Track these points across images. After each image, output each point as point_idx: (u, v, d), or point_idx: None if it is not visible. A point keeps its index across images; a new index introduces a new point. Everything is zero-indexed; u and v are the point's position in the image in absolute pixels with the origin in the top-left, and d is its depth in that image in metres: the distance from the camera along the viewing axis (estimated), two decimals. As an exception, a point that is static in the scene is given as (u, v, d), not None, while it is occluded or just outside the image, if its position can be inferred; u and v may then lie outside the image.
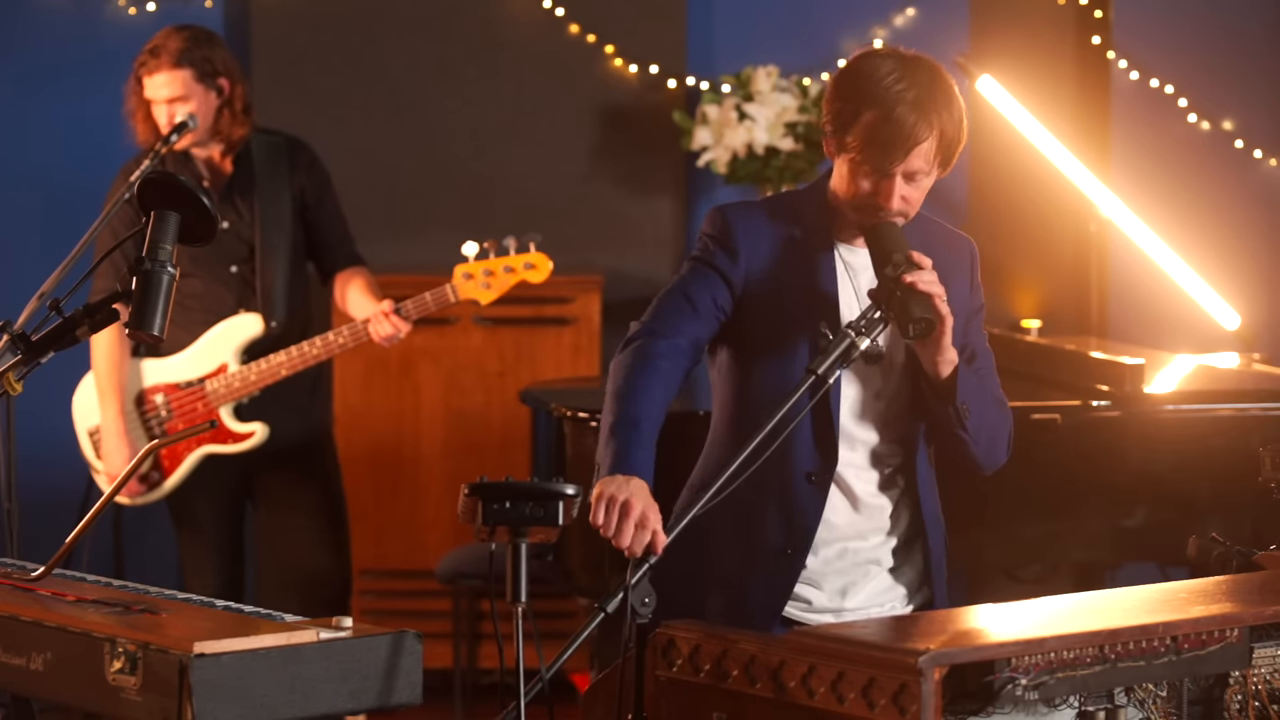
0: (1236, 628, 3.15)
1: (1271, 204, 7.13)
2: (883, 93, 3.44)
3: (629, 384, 3.42)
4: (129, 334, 3.20)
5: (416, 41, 6.89)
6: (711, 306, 3.53)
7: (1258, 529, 4.41)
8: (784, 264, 3.54)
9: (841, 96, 3.50)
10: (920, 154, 3.44)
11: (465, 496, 3.09)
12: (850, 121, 3.46)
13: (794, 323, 3.53)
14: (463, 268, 5.42)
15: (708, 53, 6.96)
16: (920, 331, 3.40)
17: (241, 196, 5.48)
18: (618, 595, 3.17)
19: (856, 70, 3.52)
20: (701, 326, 3.52)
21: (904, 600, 3.64)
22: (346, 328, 5.40)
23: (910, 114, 3.42)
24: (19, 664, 3.15)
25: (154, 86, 5.36)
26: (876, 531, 3.60)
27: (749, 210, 3.61)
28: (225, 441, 5.46)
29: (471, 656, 6.38)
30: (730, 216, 3.58)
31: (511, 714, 3.04)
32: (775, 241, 3.56)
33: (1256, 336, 6.93)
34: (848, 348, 3.37)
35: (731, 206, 3.62)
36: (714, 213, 3.60)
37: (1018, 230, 7.08)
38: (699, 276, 3.55)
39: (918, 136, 3.43)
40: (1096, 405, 5.15)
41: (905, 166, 3.44)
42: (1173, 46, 7.06)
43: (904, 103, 3.43)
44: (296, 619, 3.14)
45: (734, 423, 3.56)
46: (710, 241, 3.57)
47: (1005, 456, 3.68)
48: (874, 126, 3.43)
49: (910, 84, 3.45)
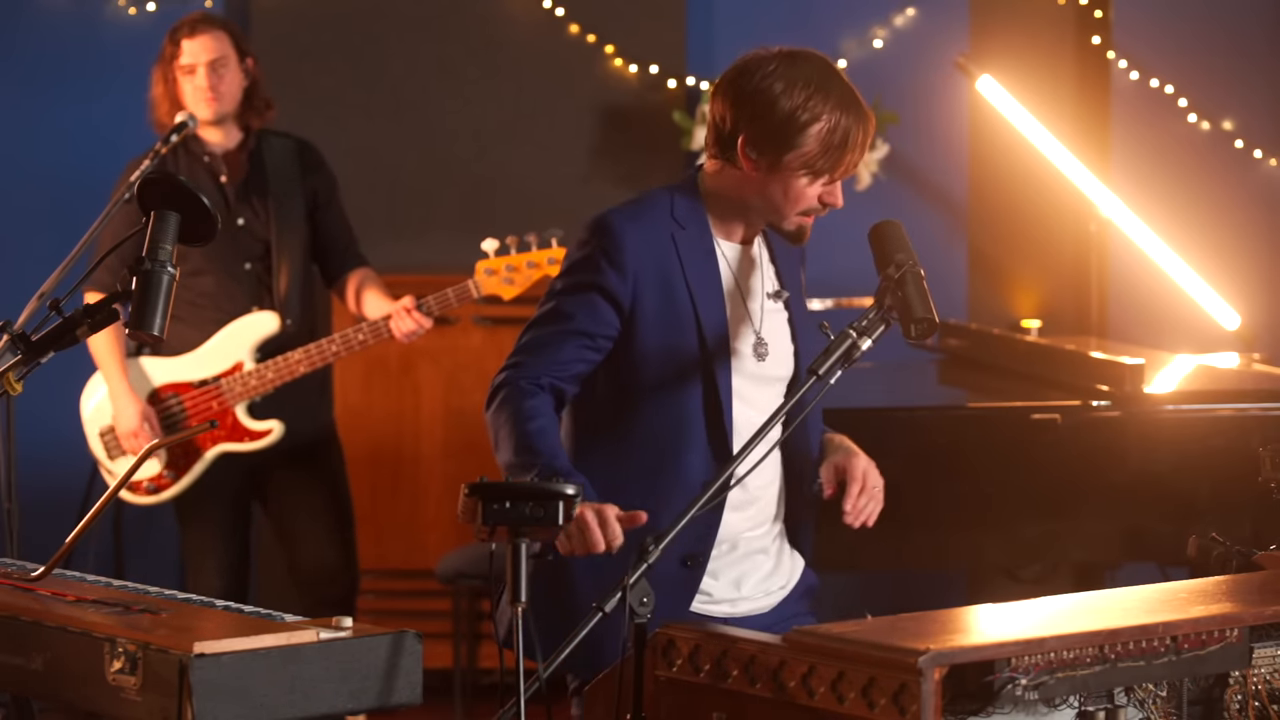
0: (1236, 628, 3.15)
1: (1271, 204, 7.13)
2: (833, 95, 3.44)
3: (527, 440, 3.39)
4: (129, 334, 3.20)
5: (416, 41, 6.89)
6: (600, 339, 3.50)
7: (1258, 529, 4.41)
8: (671, 266, 3.51)
9: (763, 105, 3.44)
10: (862, 159, 3.52)
11: (465, 496, 3.09)
12: (791, 132, 3.43)
13: (685, 324, 3.51)
14: (484, 264, 5.43)
15: (708, 53, 6.96)
16: (922, 331, 3.39)
17: (257, 194, 5.50)
18: (616, 595, 3.17)
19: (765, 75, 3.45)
20: (586, 363, 3.50)
21: (788, 584, 3.68)
22: (367, 325, 5.42)
23: (859, 116, 3.45)
24: (19, 664, 3.15)
25: (196, 49, 5.41)
26: (764, 521, 3.64)
27: (633, 215, 3.54)
28: (242, 439, 5.47)
29: (471, 656, 6.38)
30: (616, 226, 3.50)
31: (510, 713, 3.04)
32: (660, 244, 3.52)
33: (1256, 336, 6.93)
34: (849, 348, 3.36)
35: (614, 214, 3.54)
36: (596, 223, 3.52)
37: (1018, 230, 7.08)
38: (585, 305, 3.49)
39: (867, 140, 3.47)
40: (1096, 405, 5.14)
41: (847, 169, 3.49)
42: (1173, 46, 7.06)
43: (852, 107, 3.45)
44: (296, 619, 3.14)
45: (628, 437, 3.53)
46: (597, 256, 3.50)
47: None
48: (831, 132, 3.43)
49: (841, 83, 3.47)
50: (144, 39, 5.52)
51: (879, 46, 7.00)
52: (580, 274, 3.52)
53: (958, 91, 7.01)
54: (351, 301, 5.60)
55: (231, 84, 5.46)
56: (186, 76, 5.43)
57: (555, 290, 3.55)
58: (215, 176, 5.50)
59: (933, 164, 7.03)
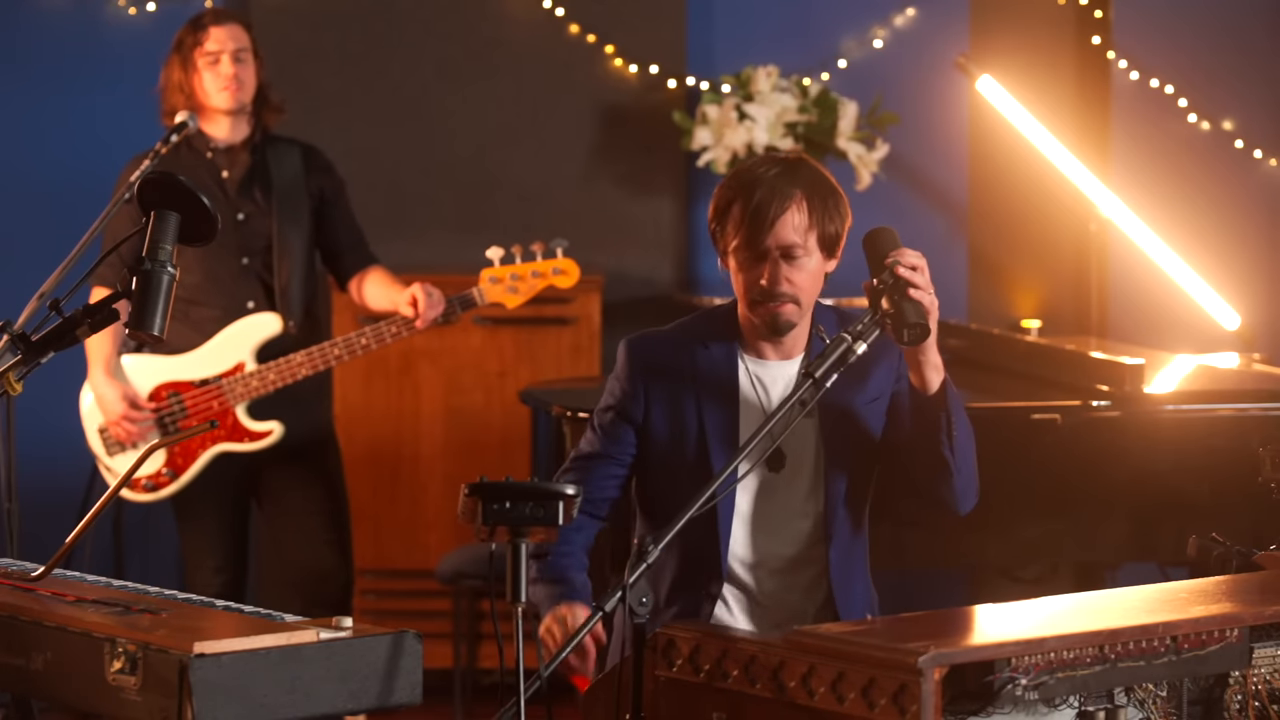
0: (1236, 628, 3.15)
1: (1271, 204, 7.13)
2: (746, 179, 3.56)
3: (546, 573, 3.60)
4: (129, 334, 3.20)
5: (416, 41, 6.89)
6: (624, 455, 3.67)
7: (1258, 529, 4.40)
8: (686, 385, 3.63)
9: (717, 206, 3.60)
10: (788, 225, 3.52)
11: (465, 496, 3.09)
12: (724, 219, 3.57)
13: (694, 441, 3.61)
14: (489, 272, 5.45)
15: (708, 53, 6.96)
16: (915, 337, 3.44)
17: (260, 189, 5.50)
18: (616, 595, 3.17)
19: (729, 177, 3.62)
20: (615, 480, 3.66)
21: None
22: (370, 329, 5.42)
23: (772, 186, 3.53)
24: (19, 664, 3.15)
25: (222, 37, 5.44)
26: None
27: (652, 340, 3.70)
28: (242, 439, 5.47)
29: (471, 656, 6.38)
30: (631, 351, 3.69)
31: (510, 712, 3.04)
32: (677, 365, 3.64)
33: (1256, 336, 6.93)
34: (844, 352, 3.38)
35: (635, 340, 3.72)
36: (620, 347, 3.71)
37: (1018, 230, 7.08)
38: (605, 428, 3.68)
39: (781, 206, 3.51)
40: (1096, 405, 5.14)
41: (776, 239, 3.52)
42: (1173, 46, 7.06)
43: (764, 180, 3.54)
44: (296, 619, 3.14)
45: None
46: (615, 381, 3.69)
47: (976, 498, 3.70)
48: (742, 210, 3.53)
49: (772, 165, 3.57)
50: (144, 39, 5.52)
51: (879, 46, 7.00)
52: (605, 398, 3.71)
53: (958, 91, 7.00)
54: (361, 295, 5.61)
55: (251, 76, 5.48)
56: (210, 65, 5.43)
57: (591, 418, 3.75)
58: (217, 171, 5.50)
59: (933, 164, 7.03)
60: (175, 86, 5.48)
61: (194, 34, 5.46)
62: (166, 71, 5.51)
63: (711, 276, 6.97)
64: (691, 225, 6.98)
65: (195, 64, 5.44)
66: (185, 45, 5.46)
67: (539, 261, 5.50)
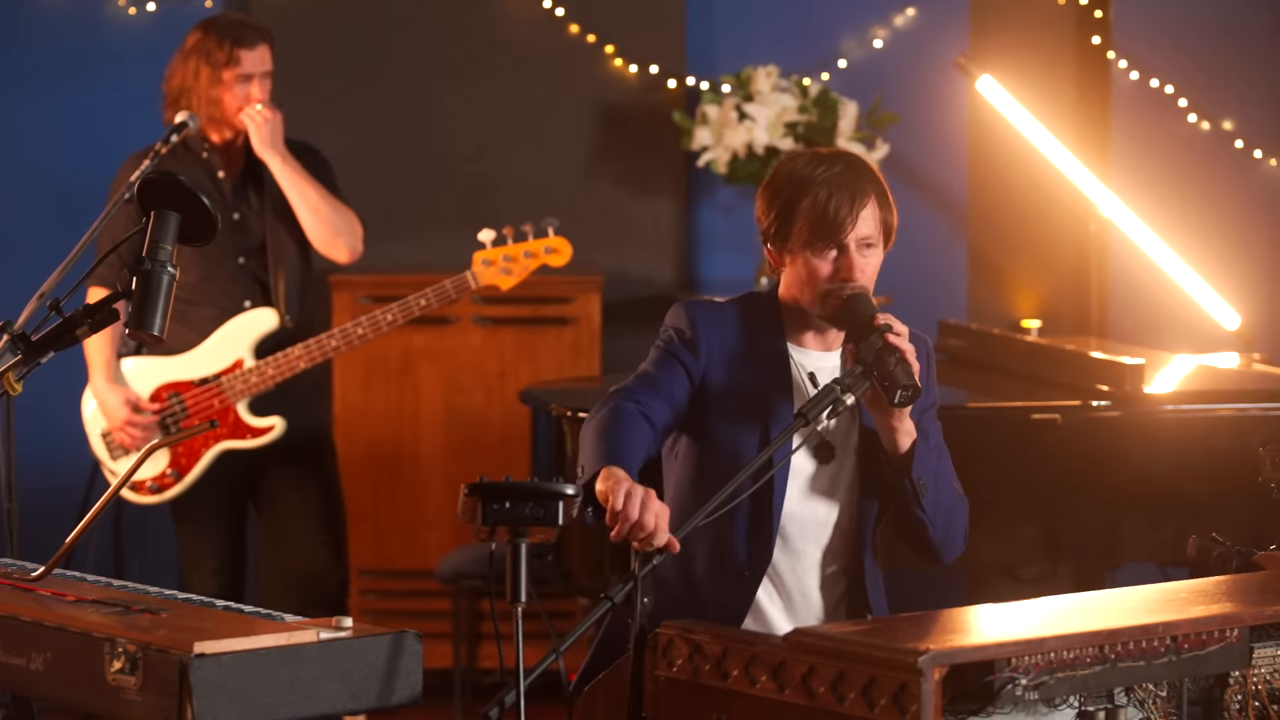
0: (1236, 628, 3.15)
1: (1271, 204, 7.13)
2: (811, 178, 3.62)
3: (607, 432, 3.48)
4: (129, 334, 3.20)
5: (416, 41, 6.89)
6: (677, 395, 3.62)
7: (1258, 529, 4.40)
8: (741, 362, 3.65)
9: (773, 202, 3.66)
10: (867, 217, 3.60)
11: (465, 496, 3.09)
12: (790, 217, 3.62)
13: (747, 418, 3.62)
14: (481, 254, 5.44)
15: (708, 53, 6.96)
16: (906, 399, 3.51)
17: (255, 189, 5.50)
18: (625, 586, 3.18)
19: (777, 174, 3.69)
20: (669, 411, 3.61)
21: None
22: (365, 318, 5.42)
23: (844, 183, 3.60)
24: (19, 664, 3.15)
25: (255, 61, 5.43)
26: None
27: (712, 308, 3.72)
28: (244, 436, 5.47)
29: (471, 656, 6.38)
30: (694, 312, 3.68)
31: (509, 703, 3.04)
32: (735, 340, 3.67)
33: (1256, 336, 6.93)
34: (833, 401, 3.44)
35: (695, 303, 3.73)
36: (679, 307, 3.71)
37: (1018, 230, 7.08)
38: (667, 365, 3.65)
39: (861, 201, 3.59)
40: (1096, 405, 5.14)
41: (857, 233, 3.59)
42: (1173, 46, 7.05)
43: (832, 179, 3.60)
44: (296, 619, 3.14)
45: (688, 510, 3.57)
46: (675, 334, 3.67)
47: (963, 547, 3.74)
48: (814, 205, 3.59)
49: (834, 162, 3.65)
50: (144, 39, 5.51)
51: (879, 46, 7.00)
52: (663, 344, 3.68)
53: (958, 91, 7.00)
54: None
55: (265, 88, 5.46)
56: (241, 84, 5.41)
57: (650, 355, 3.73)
58: (212, 171, 5.50)
59: (933, 164, 7.03)
60: (198, 94, 5.40)
61: (229, 50, 5.39)
62: (184, 73, 5.43)
63: (711, 276, 6.97)
64: (691, 225, 6.98)
65: (224, 80, 5.41)
66: (216, 59, 5.39)
67: (531, 241, 5.48)
